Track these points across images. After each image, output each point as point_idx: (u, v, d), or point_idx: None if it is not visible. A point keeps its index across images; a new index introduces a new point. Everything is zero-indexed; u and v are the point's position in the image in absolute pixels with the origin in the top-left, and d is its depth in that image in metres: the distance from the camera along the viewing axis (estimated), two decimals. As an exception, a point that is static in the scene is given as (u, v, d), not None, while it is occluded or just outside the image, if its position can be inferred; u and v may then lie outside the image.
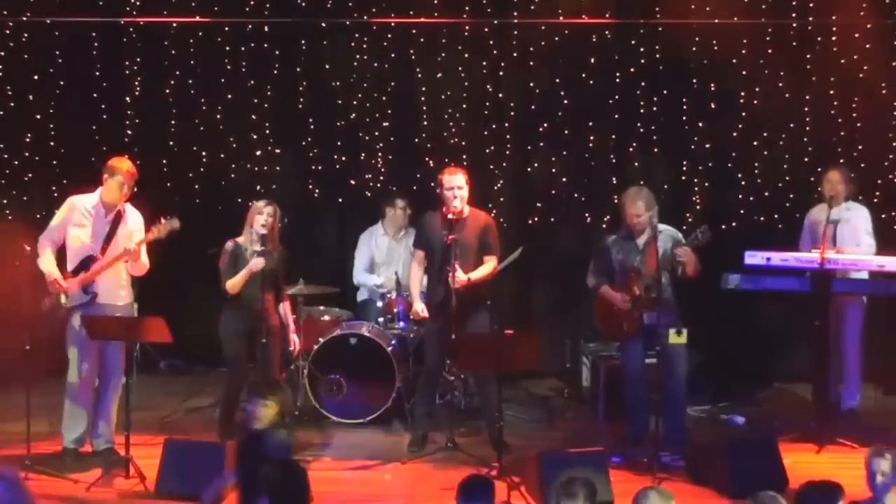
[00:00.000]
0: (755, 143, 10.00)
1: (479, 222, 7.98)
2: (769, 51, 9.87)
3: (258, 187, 9.91)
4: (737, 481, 7.03)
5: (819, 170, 9.19)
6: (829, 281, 8.23)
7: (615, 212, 9.42)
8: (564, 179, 10.20)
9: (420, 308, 8.07)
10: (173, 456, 7.07)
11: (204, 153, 10.17)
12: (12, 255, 7.69)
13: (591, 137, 10.15)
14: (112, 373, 7.71)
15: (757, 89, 9.90)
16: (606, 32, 9.97)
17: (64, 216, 7.75)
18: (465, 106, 10.13)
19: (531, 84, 10.12)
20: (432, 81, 10.11)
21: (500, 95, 10.13)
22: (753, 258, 8.31)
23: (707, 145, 10.06)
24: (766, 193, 10.00)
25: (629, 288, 7.81)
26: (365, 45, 10.09)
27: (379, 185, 10.17)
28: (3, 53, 9.97)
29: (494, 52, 10.07)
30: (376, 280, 9.30)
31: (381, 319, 9.02)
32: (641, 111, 10.08)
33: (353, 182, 10.25)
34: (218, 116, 10.11)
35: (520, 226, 10.06)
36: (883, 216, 9.42)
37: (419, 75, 10.12)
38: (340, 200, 10.29)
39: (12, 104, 9.98)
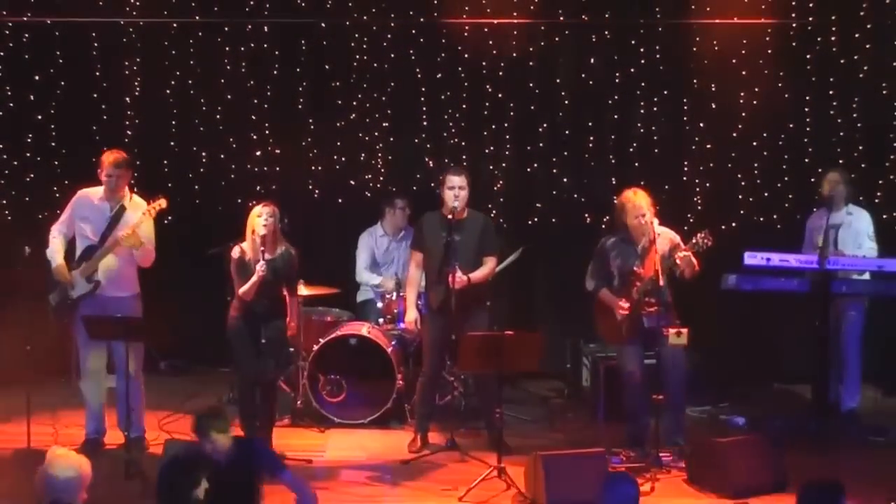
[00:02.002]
0: (755, 143, 10.00)
1: (478, 223, 7.99)
2: (769, 51, 9.86)
3: (258, 187, 9.91)
4: (736, 481, 7.04)
5: (819, 170, 9.19)
6: (828, 282, 8.24)
7: (615, 212, 9.43)
8: (564, 179, 10.20)
9: (412, 318, 8.12)
10: (173, 456, 7.06)
11: (204, 153, 10.17)
12: (12, 255, 7.69)
13: (591, 137, 10.15)
14: (121, 363, 7.71)
15: (757, 89, 9.90)
16: (606, 32, 9.97)
17: (70, 209, 7.92)
18: (464, 106, 10.12)
19: (531, 84, 10.11)
20: (432, 81, 10.11)
21: (500, 95, 10.12)
22: (753, 258, 8.33)
23: (707, 145, 10.06)
24: (766, 193, 10.00)
25: (628, 292, 7.80)
26: (365, 46, 10.08)
27: (379, 185, 10.16)
28: (2, 53, 9.97)
29: (494, 52, 10.07)
30: (377, 279, 9.31)
31: (381, 320, 9.02)
32: (641, 111, 10.08)
33: (353, 182, 10.25)
34: (218, 116, 10.11)
35: (520, 226, 10.06)
36: (884, 216, 9.42)
37: (419, 75, 10.12)
38: (340, 200, 10.29)
39: (12, 104, 9.97)
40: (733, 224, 9.90)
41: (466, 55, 10.08)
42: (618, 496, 5.14)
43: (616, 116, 10.13)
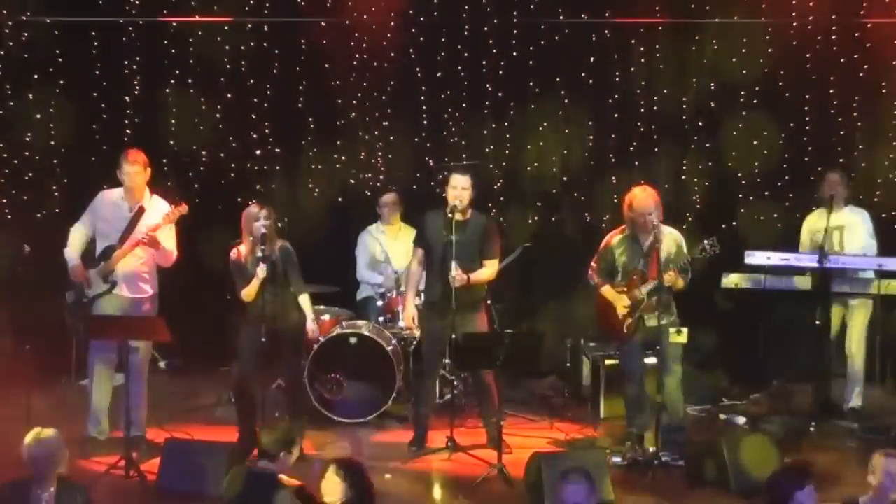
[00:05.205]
0: (755, 143, 10.00)
1: (480, 225, 7.94)
2: (769, 50, 9.87)
3: (258, 187, 9.91)
4: (736, 481, 7.03)
5: (819, 169, 9.20)
6: (829, 281, 8.24)
7: (615, 212, 9.41)
8: (565, 179, 10.20)
9: (410, 315, 8.13)
10: (173, 456, 7.07)
11: (204, 153, 10.17)
12: (12, 255, 7.70)
13: (591, 137, 10.15)
14: (132, 363, 7.72)
15: (756, 89, 9.90)
16: (606, 32, 9.98)
17: (91, 208, 7.95)
18: (464, 105, 10.13)
19: (531, 84, 10.11)
20: (432, 81, 10.11)
21: (500, 95, 10.13)
22: (753, 258, 8.34)
23: (707, 145, 10.06)
24: (766, 193, 10.01)
25: (630, 290, 7.79)
26: (365, 45, 10.08)
27: (379, 184, 10.16)
28: (2, 53, 9.97)
29: (494, 51, 10.07)
30: (378, 278, 9.31)
31: (381, 319, 9.02)
32: (641, 111, 10.08)
33: (352, 182, 10.25)
34: (218, 116, 10.11)
35: (520, 226, 10.06)
36: (883, 216, 9.42)
37: (419, 75, 10.12)
38: (340, 200, 10.29)
39: (12, 102, 9.97)
40: (733, 224, 9.91)
41: (466, 55, 10.09)
42: (570, 492, 5.22)
43: (616, 115, 10.13)
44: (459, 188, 7.80)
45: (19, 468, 5.74)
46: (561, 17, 9.92)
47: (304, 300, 7.85)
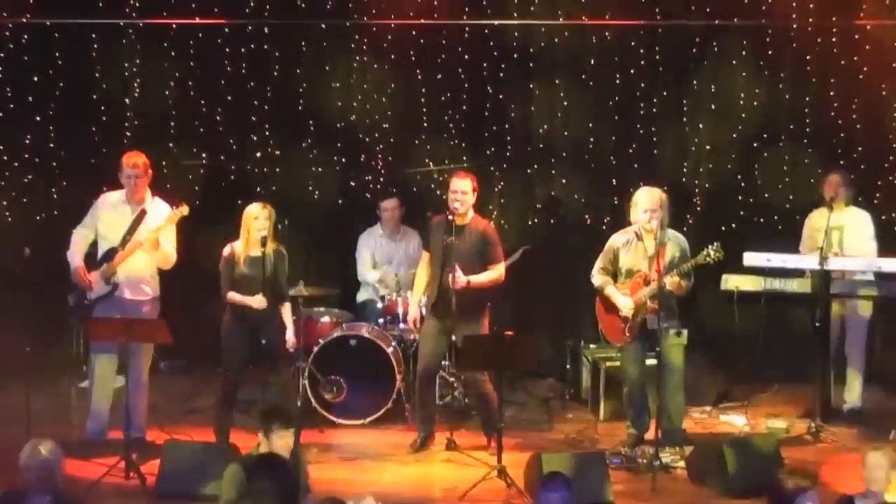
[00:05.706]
0: (755, 144, 10.00)
1: (479, 230, 7.92)
2: (769, 51, 9.87)
3: (258, 189, 9.91)
4: (737, 482, 7.03)
5: (819, 171, 9.20)
6: (828, 282, 8.24)
7: (615, 212, 9.42)
8: (564, 180, 10.20)
9: (413, 318, 8.15)
10: (173, 456, 7.08)
11: (204, 154, 10.17)
12: (12, 256, 7.69)
13: (591, 138, 10.15)
14: (133, 365, 7.71)
15: (757, 90, 9.90)
16: (606, 33, 9.98)
17: (93, 211, 7.97)
18: (464, 106, 10.13)
19: (531, 84, 10.11)
20: (432, 81, 10.11)
21: (501, 96, 10.13)
22: (753, 259, 8.33)
23: (707, 145, 10.06)
24: (766, 194, 10.00)
25: (633, 292, 7.79)
26: (365, 46, 10.08)
27: (379, 185, 10.16)
28: (2, 54, 9.97)
29: (494, 52, 10.07)
30: (378, 277, 9.31)
31: (381, 320, 9.02)
32: (641, 112, 10.08)
33: (353, 182, 10.25)
34: (218, 117, 10.11)
35: (520, 226, 10.06)
36: (883, 217, 9.42)
37: (419, 75, 10.12)
38: (340, 201, 10.29)
39: (12, 104, 9.97)
40: (733, 224, 9.90)
41: (466, 56, 10.09)
42: (549, 499, 5.22)
43: (616, 117, 10.13)
44: (459, 192, 7.82)
45: (19, 471, 5.73)
46: (561, 18, 9.92)
47: (286, 310, 7.84)
